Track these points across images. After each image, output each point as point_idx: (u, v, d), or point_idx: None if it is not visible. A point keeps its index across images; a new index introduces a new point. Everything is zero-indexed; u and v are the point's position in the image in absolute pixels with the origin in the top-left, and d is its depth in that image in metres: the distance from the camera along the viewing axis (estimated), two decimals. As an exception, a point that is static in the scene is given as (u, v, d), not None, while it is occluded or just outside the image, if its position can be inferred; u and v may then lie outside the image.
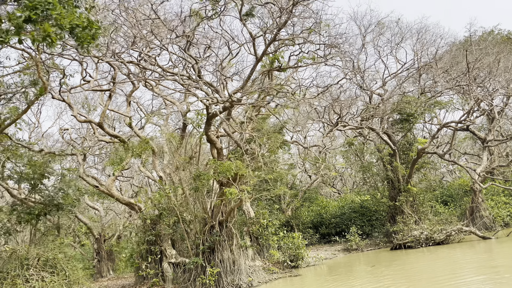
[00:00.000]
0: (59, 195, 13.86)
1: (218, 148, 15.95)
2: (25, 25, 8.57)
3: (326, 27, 13.29)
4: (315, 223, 32.05)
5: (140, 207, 17.26)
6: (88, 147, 28.84)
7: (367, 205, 30.94)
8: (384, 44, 26.66)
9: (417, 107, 24.90)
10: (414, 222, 23.11)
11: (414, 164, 24.89)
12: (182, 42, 14.51)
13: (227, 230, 15.34)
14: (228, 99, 13.01)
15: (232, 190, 13.14)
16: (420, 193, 25.89)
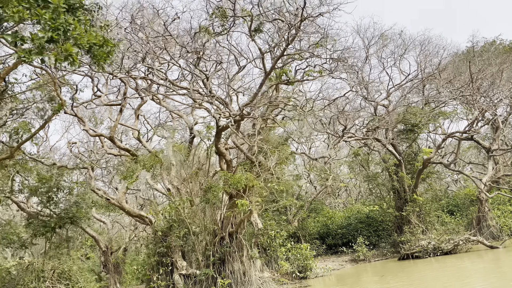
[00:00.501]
0: (74, 208, 14.13)
1: (227, 160, 16.22)
2: (47, 45, 8.96)
3: (332, 41, 13.65)
4: (321, 234, 32.12)
5: (150, 219, 17.49)
6: (96, 160, 29.19)
7: (373, 215, 31.02)
8: (387, 56, 27.07)
9: (422, 118, 25.17)
10: (421, 232, 23.20)
11: (420, 174, 25.06)
12: (192, 57, 14.88)
13: (237, 242, 15.53)
14: (240, 113, 13.33)
15: (244, 202, 13.38)
16: (426, 203, 26.00)
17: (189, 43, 13.88)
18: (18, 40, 8.76)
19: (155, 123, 30.31)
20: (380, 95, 26.17)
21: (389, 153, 26.83)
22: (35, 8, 9.30)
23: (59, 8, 8.82)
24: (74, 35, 9.24)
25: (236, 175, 13.97)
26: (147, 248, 17.03)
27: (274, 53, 13.79)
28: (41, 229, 13.35)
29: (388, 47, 26.89)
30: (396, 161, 26.28)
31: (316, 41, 13.41)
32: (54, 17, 8.88)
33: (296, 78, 14.96)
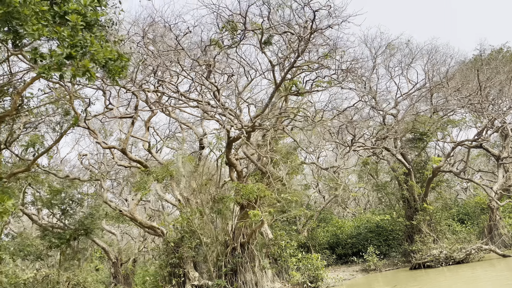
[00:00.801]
0: (88, 220, 14.30)
1: (238, 171, 16.36)
2: (66, 61, 9.21)
3: (341, 53, 13.83)
4: (331, 243, 32.00)
5: (162, 230, 17.61)
6: (106, 172, 29.45)
7: (383, 224, 30.87)
8: (395, 65, 27.19)
9: (430, 126, 25.18)
10: (432, 241, 23.06)
11: (429, 183, 24.99)
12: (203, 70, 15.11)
13: (248, 252, 15.58)
14: (252, 125, 13.50)
15: (256, 212, 13.47)
16: (436, 211, 25.87)
17: (200, 56, 14.12)
18: (37, 57, 9.02)
19: (165, 134, 30.69)
20: (388, 104, 26.23)
21: (398, 162, 26.80)
22: (53, 25, 9.58)
23: (78, 26, 9.09)
24: (91, 51, 9.48)
25: (248, 186, 14.09)
26: (159, 259, 17.12)
27: (284, 65, 13.99)
28: (56, 241, 13.53)
29: (395, 56, 27.03)
30: (406, 170, 26.24)
31: (325, 52, 13.58)
32: (72, 34, 9.15)
33: (305, 89, 15.12)
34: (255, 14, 14.19)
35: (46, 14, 9.34)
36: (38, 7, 9.06)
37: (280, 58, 13.99)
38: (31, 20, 8.91)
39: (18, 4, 8.64)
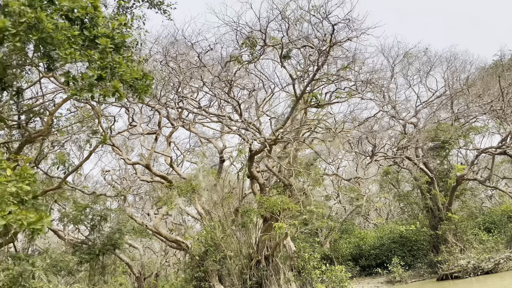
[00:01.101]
0: (116, 235, 14.63)
1: (260, 184, 16.49)
2: (96, 82, 9.62)
3: (360, 64, 13.95)
4: (354, 255, 31.63)
5: (187, 244, 17.80)
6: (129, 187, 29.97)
7: (407, 235, 30.39)
8: (413, 74, 27.09)
9: (452, 134, 24.88)
10: (459, 251, 22.60)
11: (453, 192, 24.59)
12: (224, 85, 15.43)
13: (273, 265, 15.61)
14: (275, 138, 13.69)
15: (281, 225, 13.55)
16: (462, 220, 25.37)
17: (221, 72, 14.45)
18: (70, 80, 9.44)
19: (185, 148, 31.14)
20: (408, 113, 26.08)
21: (420, 171, 26.49)
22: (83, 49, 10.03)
23: (107, 48, 9.49)
24: (119, 72, 9.87)
25: (272, 198, 14.21)
26: (185, 273, 17.28)
27: (304, 78, 14.18)
28: (86, 256, 13.87)
29: (414, 65, 26.95)
30: (428, 179, 25.90)
31: (345, 65, 13.73)
32: (102, 56, 9.56)
33: (325, 100, 15.25)
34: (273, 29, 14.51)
35: (77, 39, 9.80)
36: (69, 32, 9.50)
37: (299, 71, 14.20)
38: (63, 44, 9.34)
39: (51, 30, 9.09)
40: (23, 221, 7.50)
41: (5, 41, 9.16)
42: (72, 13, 10.09)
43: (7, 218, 7.32)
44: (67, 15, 10.01)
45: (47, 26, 8.99)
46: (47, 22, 9.02)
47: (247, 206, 18.70)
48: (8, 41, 9.01)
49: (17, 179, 8.39)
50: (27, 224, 7.56)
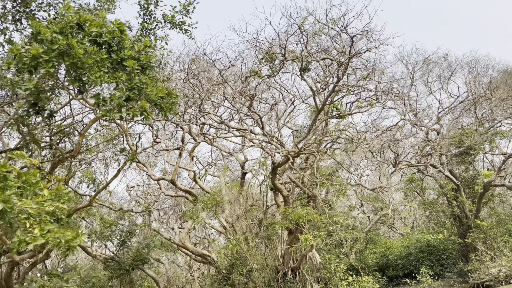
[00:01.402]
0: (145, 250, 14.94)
1: (284, 196, 16.58)
2: (125, 103, 9.99)
3: (381, 74, 14.00)
4: (380, 265, 31.13)
5: (213, 258, 17.97)
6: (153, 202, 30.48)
7: (435, 243, 29.79)
8: (433, 80, 26.85)
9: (477, 139, 24.46)
10: (490, 259, 22.03)
11: (481, 198, 24.06)
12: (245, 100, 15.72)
13: (300, 277, 15.59)
14: (298, 150, 13.83)
15: (307, 237, 13.59)
16: (491, 228, 24.74)
17: (242, 88, 14.74)
18: (100, 102, 9.85)
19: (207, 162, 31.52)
20: (430, 120, 25.81)
21: (445, 178, 26.05)
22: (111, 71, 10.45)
23: (134, 70, 9.88)
24: (146, 92, 10.23)
25: (297, 210, 14.28)
26: (211, 287, 17.40)
27: (324, 90, 14.32)
28: (117, 271, 14.19)
29: (434, 71, 26.74)
30: (454, 186, 25.44)
31: (364, 75, 13.81)
32: (130, 78, 9.95)
33: (346, 111, 15.33)
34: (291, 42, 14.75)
35: (105, 62, 10.23)
36: (98, 56, 9.94)
37: (319, 83, 14.36)
38: (93, 68, 9.77)
39: (82, 55, 9.52)
40: (61, 239, 7.81)
41: (39, 67, 9.65)
42: (100, 38, 10.53)
43: (46, 236, 7.63)
44: (95, 40, 10.47)
45: (78, 51, 9.42)
46: (77, 48, 9.47)
47: (271, 218, 18.79)
48: (42, 67, 9.48)
49: (53, 198, 8.74)
50: (64, 242, 7.87)
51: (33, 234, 7.56)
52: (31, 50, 9.33)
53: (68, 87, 10.19)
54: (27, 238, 7.55)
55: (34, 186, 8.15)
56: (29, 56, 9.34)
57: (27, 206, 7.62)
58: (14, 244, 7.61)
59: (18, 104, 10.60)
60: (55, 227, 7.93)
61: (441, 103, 26.17)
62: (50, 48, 9.38)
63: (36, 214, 7.80)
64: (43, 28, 9.67)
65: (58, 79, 10.08)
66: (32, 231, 7.61)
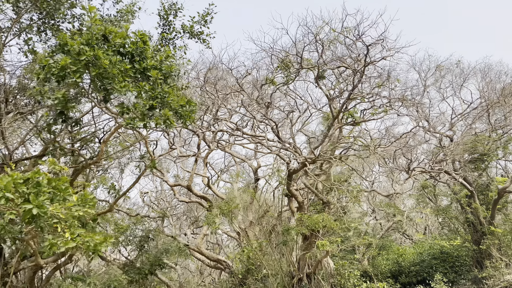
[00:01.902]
0: (163, 256, 15.22)
1: (299, 202, 16.77)
2: (148, 112, 10.32)
3: (395, 81, 14.19)
4: (393, 272, 30.96)
5: (228, 263, 18.18)
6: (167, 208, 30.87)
7: (448, 250, 29.62)
8: (446, 86, 26.89)
9: (490, 145, 24.41)
10: (505, 266, 21.91)
11: (495, 205, 23.95)
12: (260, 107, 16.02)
13: (315, 282, 15.71)
14: (315, 157, 14.05)
15: (324, 242, 13.75)
16: (505, 234, 24.57)
17: (259, 95, 15.03)
18: (125, 110, 10.19)
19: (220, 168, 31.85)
20: (444, 126, 25.83)
21: (459, 184, 25.98)
22: (135, 80, 10.80)
23: (158, 80, 10.22)
24: (169, 101, 10.55)
25: (314, 216, 14.45)
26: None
27: (339, 97, 14.55)
28: (136, 276, 14.48)
29: (446, 77, 26.79)
30: (468, 192, 25.35)
31: (379, 82, 14.01)
32: (153, 87, 10.28)
33: (360, 118, 15.52)
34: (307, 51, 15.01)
35: (129, 72, 10.59)
36: (122, 66, 10.30)
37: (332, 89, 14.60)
38: (118, 78, 10.12)
39: (107, 66, 9.88)
40: (90, 243, 8.12)
41: (67, 77, 10.03)
42: (123, 48, 10.91)
43: (76, 240, 7.94)
44: (119, 50, 10.85)
45: (104, 62, 9.79)
46: (103, 59, 9.83)
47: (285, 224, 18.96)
48: (70, 77, 9.86)
49: (79, 203, 9.05)
50: (93, 246, 8.17)
51: (64, 238, 7.87)
52: (60, 61, 9.72)
53: (93, 96, 10.56)
54: (58, 242, 7.85)
55: (63, 192, 8.46)
56: (58, 67, 9.72)
57: (57, 211, 7.94)
58: (45, 248, 7.92)
59: (45, 112, 10.99)
60: (83, 231, 8.24)
61: (454, 110, 26.17)
62: (78, 59, 9.76)
63: (66, 219, 8.11)
64: (70, 40, 10.06)
65: (83, 88, 10.45)
66: (63, 235, 7.91)
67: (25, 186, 7.40)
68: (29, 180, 7.52)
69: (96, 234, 8.30)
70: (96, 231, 10.52)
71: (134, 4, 14.96)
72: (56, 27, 12.97)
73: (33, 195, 7.39)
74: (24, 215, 7.27)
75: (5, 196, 7.03)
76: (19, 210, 7.45)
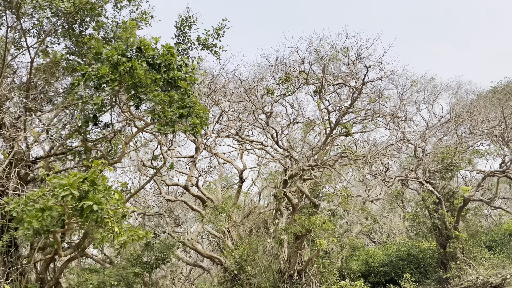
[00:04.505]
0: (167, 251, 16.13)
1: (293, 204, 18.13)
2: (178, 119, 11.36)
3: (387, 99, 15.84)
4: (363, 272, 32.94)
5: (220, 259, 19.25)
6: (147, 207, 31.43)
7: (414, 252, 31.91)
8: (420, 101, 29.15)
9: (457, 157, 26.79)
10: (468, 267, 24.21)
11: (460, 211, 26.31)
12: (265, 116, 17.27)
13: (306, 278, 17.11)
14: (316, 164, 15.44)
15: (322, 241, 15.14)
16: (467, 239, 27.01)
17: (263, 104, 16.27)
18: (155, 117, 11.20)
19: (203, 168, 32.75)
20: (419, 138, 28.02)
21: (427, 192, 28.24)
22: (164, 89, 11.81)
23: (188, 91, 11.29)
24: (195, 110, 11.64)
25: (312, 218, 15.82)
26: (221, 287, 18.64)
27: (338, 112, 16.05)
28: (143, 270, 15.29)
29: (420, 92, 29.04)
30: (436, 199, 27.63)
31: (371, 99, 15.61)
32: (183, 97, 11.34)
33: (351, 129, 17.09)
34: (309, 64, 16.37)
35: (159, 81, 11.62)
36: (153, 76, 11.32)
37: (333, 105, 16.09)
38: (150, 87, 11.13)
39: (142, 76, 10.88)
40: (135, 236, 9.11)
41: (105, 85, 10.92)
42: (153, 59, 11.94)
43: (124, 234, 8.91)
44: (148, 61, 11.87)
45: (140, 72, 10.78)
46: (139, 69, 10.83)
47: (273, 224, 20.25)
48: (108, 85, 10.76)
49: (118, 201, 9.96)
50: (138, 239, 9.17)
51: (114, 232, 8.81)
52: (99, 70, 10.59)
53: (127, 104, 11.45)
54: (109, 235, 8.79)
55: (108, 190, 9.38)
56: (97, 75, 10.59)
57: (107, 207, 8.88)
58: (97, 240, 8.83)
59: (78, 115, 11.75)
60: (129, 226, 9.21)
61: (427, 123, 28.43)
62: (116, 69, 10.67)
63: (114, 214, 9.06)
64: (107, 50, 10.94)
65: (118, 95, 11.33)
66: (112, 229, 8.85)
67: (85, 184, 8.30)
68: (87, 179, 8.43)
69: (139, 228, 9.27)
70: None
71: (149, 13, 15.80)
72: (79, 32, 13.65)
73: (92, 193, 8.31)
74: (85, 210, 8.17)
75: (72, 193, 7.93)
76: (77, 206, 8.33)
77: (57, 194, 7.99)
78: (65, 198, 8.11)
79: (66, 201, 8.35)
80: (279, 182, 17.77)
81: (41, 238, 12.63)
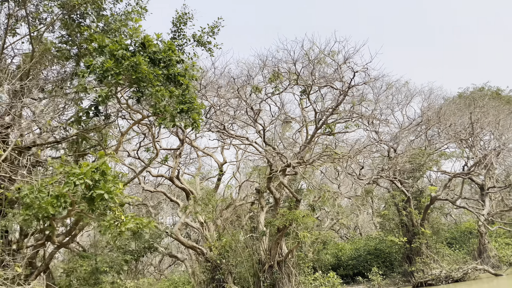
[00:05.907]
0: (154, 241, 16.57)
1: (276, 198, 18.93)
2: (179, 114, 11.85)
3: (369, 102, 16.83)
4: (333, 264, 34.38)
5: (202, 250, 19.81)
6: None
7: (381, 247, 33.60)
8: (394, 104, 30.61)
9: (426, 158, 28.43)
10: (432, 261, 25.87)
11: (427, 209, 27.98)
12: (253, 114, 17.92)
13: (285, 269, 17.98)
14: (302, 160, 16.24)
15: (305, 233, 16.00)
16: (431, 236, 28.79)
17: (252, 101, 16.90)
18: (157, 111, 11.66)
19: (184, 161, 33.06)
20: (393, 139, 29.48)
21: (397, 190, 29.81)
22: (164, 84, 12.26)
23: (190, 88, 11.78)
24: (195, 105, 12.17)
25: (297, 211, 16.66)
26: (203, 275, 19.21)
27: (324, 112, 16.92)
28: (131, 257, 15.69)
29: (395, 96, 30.48)
30: (405, 198, 29.23)
31: (354, 102, 16.56)
32: (184, 93, 11.84)
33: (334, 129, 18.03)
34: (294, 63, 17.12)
35: (160, 77, 12.08)
36: (155, 71, 11.77)
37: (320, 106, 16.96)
38: (152, 82, 11.57)
39: (145, 71, 11.31)
40: (140, 224, 9.63)
41: (110, 78, 11.27)
42: (154, 55, 12.37)
43: (130, 222, 9.40)
44: (151, 57, 12.31)
45: (144, 68, 11.21)
46: (143, 64, 11.25)
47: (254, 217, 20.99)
48: (113, 78, 11.13)
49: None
50: (143, 226, 9.68)
51: (120, 220, 9.29)
52: (105, 64, 10.93)
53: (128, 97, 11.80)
54: (116, 223, 9.25)
55: (113, 180, 9.81)
56: (102, 68, 10.92)
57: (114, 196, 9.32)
58: (103, 228, 9.28)
59: (79, 106, 12.02)
60: (134, 214, 9.69)
61: (400, 124, 29.91)
62: (120, 62, 11.02)
63: (120, 203, 9.52)
64: (111, 44, 11.27)
65: (121, 88, 11.68)
66: (119, 217, 9.33)
67: (96, 174, 8.73)
68: (97, 169, 8.85)
69: (143, 218, 9.76)
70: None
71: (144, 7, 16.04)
72: (77, 23, 13.78)
73: (103, 182, 8.75)
74: (95, 198, 8.60)
75: (85, 183, 8.35)
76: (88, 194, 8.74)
77: (71, 182, 8.38)
78: (77, 187, 8.52)
79: (77, 190, 8.74)
80: (261, 176, 18.50)
81: (39, 224, 12.85)
